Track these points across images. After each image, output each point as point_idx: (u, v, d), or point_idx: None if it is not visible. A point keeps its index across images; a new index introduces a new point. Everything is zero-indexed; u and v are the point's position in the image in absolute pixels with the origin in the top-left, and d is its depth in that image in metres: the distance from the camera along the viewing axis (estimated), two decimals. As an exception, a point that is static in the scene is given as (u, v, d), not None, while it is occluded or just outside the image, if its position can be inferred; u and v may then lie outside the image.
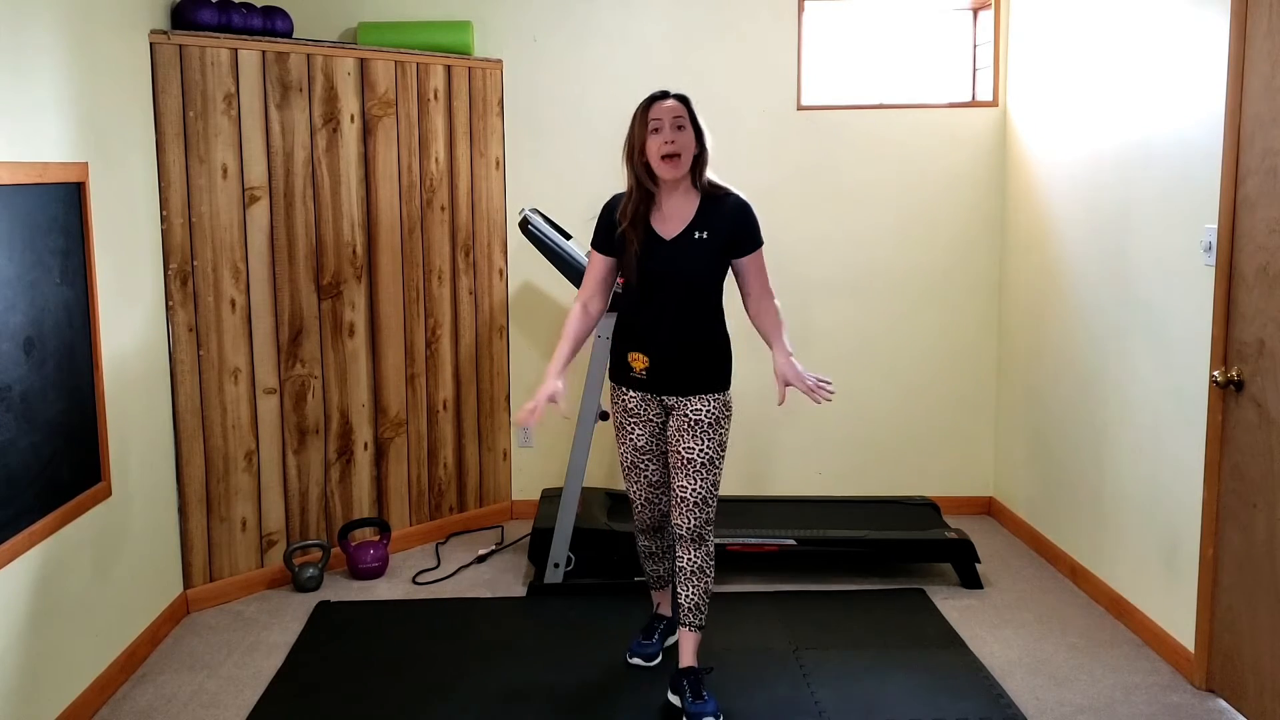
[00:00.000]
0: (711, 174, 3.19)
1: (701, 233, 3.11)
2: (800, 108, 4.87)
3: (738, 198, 3.18)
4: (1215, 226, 3.21)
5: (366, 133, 4.30)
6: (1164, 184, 3.54)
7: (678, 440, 3.18)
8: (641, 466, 3.31)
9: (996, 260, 4.95)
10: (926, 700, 3.28)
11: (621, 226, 3.14)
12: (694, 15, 4.80)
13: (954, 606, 4.01)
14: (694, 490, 3.16)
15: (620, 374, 3.27)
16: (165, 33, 3.75)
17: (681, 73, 4.80)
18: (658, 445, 3.28)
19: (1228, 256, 3.16)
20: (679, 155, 3.06)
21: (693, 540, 3.19)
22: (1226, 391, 3.17)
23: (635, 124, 3.10)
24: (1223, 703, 3.25)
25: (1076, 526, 4.22)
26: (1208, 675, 3.32)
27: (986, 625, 3.85)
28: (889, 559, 4.37)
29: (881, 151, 4.88)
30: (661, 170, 3.07)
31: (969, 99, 4.98)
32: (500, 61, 4.78)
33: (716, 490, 3.21)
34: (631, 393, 3.24)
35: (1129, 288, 3.78)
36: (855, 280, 4.95)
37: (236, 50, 3.90)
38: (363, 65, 4.27)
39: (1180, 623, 3.47)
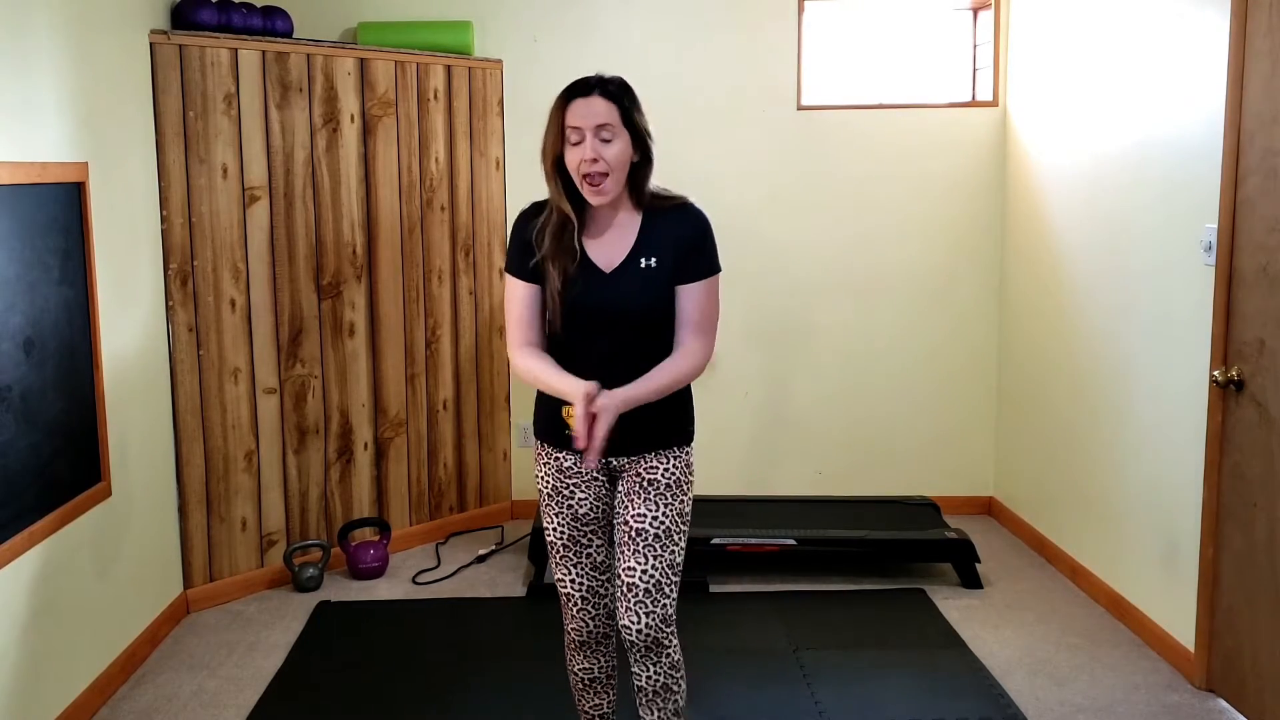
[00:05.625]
0: (656, 182, 2.51)
1: (649, 260, 2.43)
2: (800, 108, 4.87)
3: (691, 211, 2.48)
4: (1215, 226, 3.21)
5: (366, 133, 4.31)
6: (1164, 184, 3.54)
7: (625, 507, 2.48)
8: (584, 542, 2.56)
9: (996, 260, 4.95)
10: (926, 700, 3.28)
11: (539, 255, 2.44)
12: (694, 15, 4.80)
13: (954, 606, 4.01)
14: (645, 573, 2.42)
15: (551, 432, 2.53)
16: (165, 33, 3.75)
17: (681, 72, 4.80)
18: (604, 514, 2.57)
19: (1228, 256, 3.16)
20: (606, 175, 2.35)
21: (647, 648, 2.44)
22: (1226, 391, 3.17)
23: (550, 126, 2.41)
24: (1223, 703, 3.25)
25: (1076, 526, 4.22)
26: (1208, 675, 3.32)
27: (986, 625, 3.85)
28: (889, 559, 4.37)
29: (881, 151, 4.88)
30: (585, 193, 2.38)
31: (969, 99, 4.98)
32: (500, 61, 4.78)
33: (676, 576, 2.47)
34: (568, 453, 2.52)
35: (1129, 287, 3.78)
36: (855, 280, 4.95)
37: (236, 50, 3.90)
38: (363, 65, 4.27)
39: (1180, 623, 3.47)
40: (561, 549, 2.56)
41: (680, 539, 2.49)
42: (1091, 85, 4.04)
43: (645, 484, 2.47)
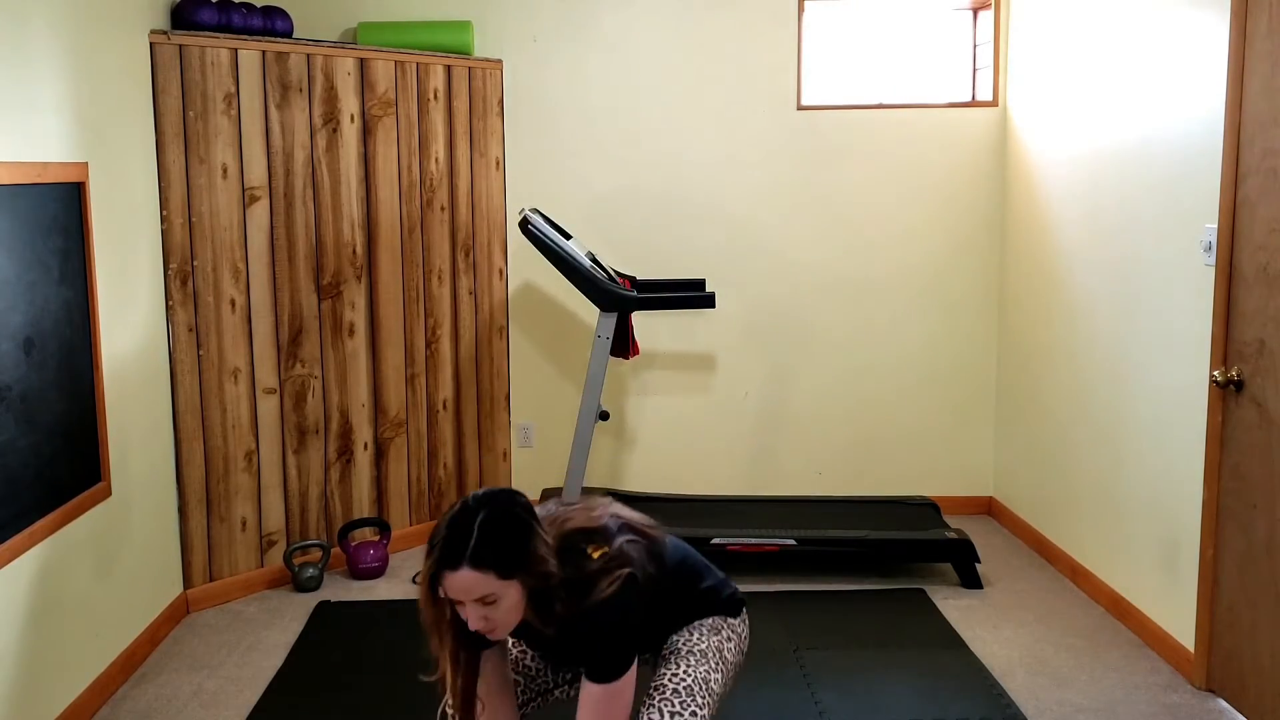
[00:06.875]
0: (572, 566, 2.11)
1: (573, 644, 2.20)
2: (800, 108, 4.87)
3: (598, 608, 2.10)
4: (1215, 226, 3.21)
5: (366, 133, 4.31)
6: (1164, 184, 3.54)
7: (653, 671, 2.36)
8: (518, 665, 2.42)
9: (996, 260, 4.95)
10: (926, 700, 3.29)
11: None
12: (694, 15, 4.80)
13: (954, 606, 4.01)
14: (675, 676, 2.28)
15: None
16: (165, 33, 3.75)
17: (681, 73, 4.80)
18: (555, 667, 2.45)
19: (1228, 256, 3.16)
20: (496, 630, 2.08)
21: None
22: (1226, 391, 3.17)
23: (422, 590, 2.14)
24: (1223, 703, 3.25)
25: (1076, 526, 4.22)
26: (1208, 675, 3.32)
27: (986, 625, 3.86)
28: (889, 559, 4.37)
29: (882, 151, 4.88)
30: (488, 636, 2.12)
31: (969, 99, 4.98)
32: (500, 61, 4.78)
33: (711, 697, 2.28)
34: None
35: (1129, 287, 3.78)
36: (855, 280, 4.95)
37: (236, 50, 3.91)
38: (363, 65, 4.27)
39: (1180, 623, 3.47)
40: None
41: (718, 669, 2.31)
42: (1091, 85, 4.04)
43: (673, 649, 2.34)
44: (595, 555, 2.13)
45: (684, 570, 2.39)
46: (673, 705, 2.22)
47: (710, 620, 2.39)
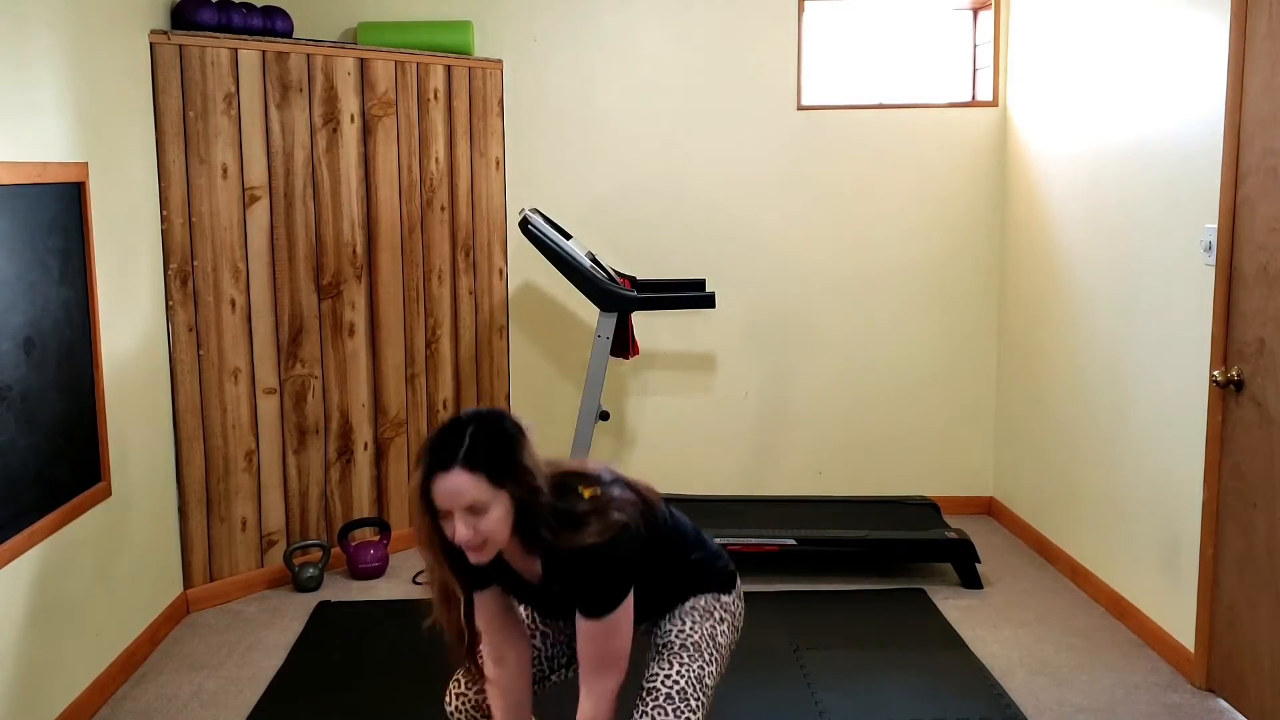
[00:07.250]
0: (561, 492, 2.12)
1: (558, 587, 2.20)
2: (800, 108, 4.87)
3: (591, 554, 2.09)
4: (1215, 226, 3.21)
5: (366, 133, 4.31)
6: (1164, 184, 3.54)
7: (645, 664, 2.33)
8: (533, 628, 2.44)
9: (996, 260, 4.95)
10: (926, 700, 3.29)
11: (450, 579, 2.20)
12: (694, 15, 4.80)
13: (954, 606, 4.01)
14: (668, 678, 2.25)
15: None
16: (165, 33, 3.75)
17: (681, 73, 4.80)
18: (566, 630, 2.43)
19: (1228, 256, 3.16)
20: (483, 545, 2.05)
21: None
22: (1226, 391, 3.17)
23: (414, 504, 2.08)
24: (1223, 703, 3.25)
25: (1076, 526, 4.22)
26: (1208, 675, 3.32)
27: (986, 625, 3.86)
28: (889, 559, 4.37)
29: (881, 151, 4.88)
30: (470, 557, 2.10)
31: (969, 99, 4.98)
32: (500, 61, 4.78)
33: (705, 695, 2.26)
34: None
35: (1129, 287, 3.78)
36: (855, 280, 4.95)
37: (236, 50, 3.91)
38: (363, 65, 4.27)
39: (1180, 623, 3.47)
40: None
41: (711, 661, 2.30)
42: (1092, 85, 4.04)
43: (664, 645, 2.32)
44: (586, 494, 2.13)
45: (676, 537, 2.37)
46: (665, 712, 2.20)
47: (703, 601, 2.35)
